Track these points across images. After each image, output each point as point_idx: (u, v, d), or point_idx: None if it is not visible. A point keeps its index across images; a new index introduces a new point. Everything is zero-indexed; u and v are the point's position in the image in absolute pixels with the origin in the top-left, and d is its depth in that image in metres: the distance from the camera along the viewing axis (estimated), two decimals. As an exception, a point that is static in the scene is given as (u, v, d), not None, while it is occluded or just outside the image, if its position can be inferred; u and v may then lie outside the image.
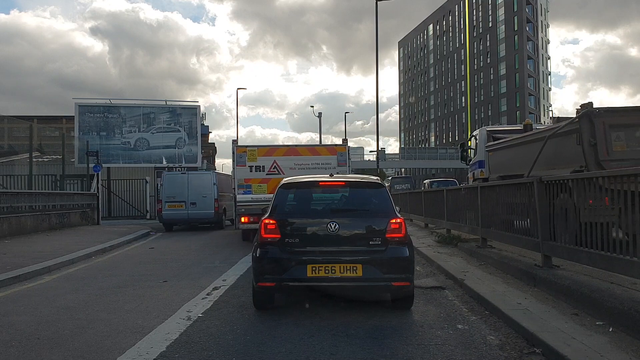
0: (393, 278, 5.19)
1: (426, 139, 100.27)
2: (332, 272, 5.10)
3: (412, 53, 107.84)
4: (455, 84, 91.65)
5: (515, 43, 78.08)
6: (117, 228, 17.21)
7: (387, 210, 5.53)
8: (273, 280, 5.20)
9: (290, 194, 5.84)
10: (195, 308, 5.63)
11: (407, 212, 18.08)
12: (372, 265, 5.15)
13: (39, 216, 15.08)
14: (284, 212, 5.53)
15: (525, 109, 77.23)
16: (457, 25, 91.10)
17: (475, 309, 5.58)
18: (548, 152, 8.73)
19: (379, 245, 5.27)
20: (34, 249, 10.91)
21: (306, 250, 5.24)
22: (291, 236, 5.30)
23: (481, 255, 8.58)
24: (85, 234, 14.91)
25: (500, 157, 11.79)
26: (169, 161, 29.41)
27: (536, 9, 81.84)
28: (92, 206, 19.34)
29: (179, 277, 7.83)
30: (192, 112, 29.80)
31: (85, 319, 5.24)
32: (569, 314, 4.87)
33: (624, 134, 7.46)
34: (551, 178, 6.31)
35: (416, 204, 16.26)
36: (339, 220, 5.30)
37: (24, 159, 19.75)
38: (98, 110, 28.76)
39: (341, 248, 5.25)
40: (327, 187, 6.07)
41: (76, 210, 17.95)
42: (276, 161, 11.96)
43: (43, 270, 8.47)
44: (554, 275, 5.85)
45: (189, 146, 29.50)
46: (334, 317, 5.17)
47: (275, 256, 5.23)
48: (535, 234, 6.58)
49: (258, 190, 11.80)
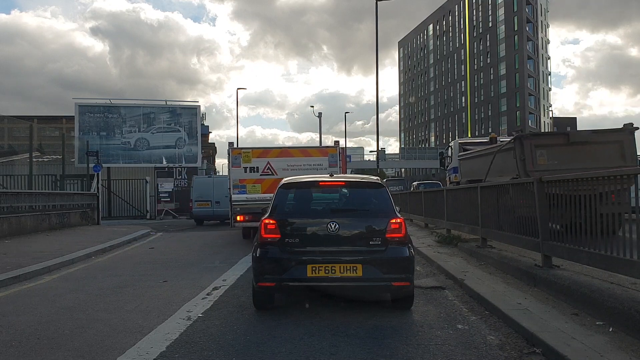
0: (393, 278, 5.17)
1: (426, 139, 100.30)
2: (332, 272, 5.08)
3: (412, 53, 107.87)
4: (455, 84, 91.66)
5: (515, 43, 78.07)
6: (117, 228, 17.22)
7: (387, 210, 5.51)
8: (273, 280, 5.18)
9: (290, 194, 5.78)
10: (195, 308, 5.64)
11: (407, 212, 18.10)
12: (372, 265, 5.14)
13: (39, 216, 15.09)
14: (284, 212, 5.50)
15: (526, 109, 77.25)
16: (457, 25, 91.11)
17: (475, 309, 5.59)
18: (497, 163, 11.04)
19: (379, 245, 5.25)
20: (34, 249, 10.91)
21: (306, 250, 5.21)
22: (291, 236, 5.27)
23: (481, 255, 8.58)
24: (85, 234, 14.92)
25: (468, 165, 14.34)
26: (169, 161, 29.44)
27: (536, 9, 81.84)
28: (92, 206, 19.35)
29: (179, 277, 7.83)
30: (192, 112, 29.82)
31: (86, 319, 5.24)
32: (569, 314, 4.87)
33: (545, 152, 9.65)
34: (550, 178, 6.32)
35: (416, 204, 16.27)
36: (339, 220, 5.27)
37: (24, 159, 19.77)
38: (98, 110, 28.79)
39: (341, 248, 5.23)
40: (327, 187, 6.05)
41: (76, 211, 17.96)
42: (270, 162, 12.30)
43: (43, 270, 8.47)
44: (554, 275, 5.86)
45: (189, 146, 29.51)
46: (334, 317, 5.17)
47: (275, 256, 5.20)
48: (535, 233, 6.59)
49: (252, 190, 12.17)
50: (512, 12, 78.47)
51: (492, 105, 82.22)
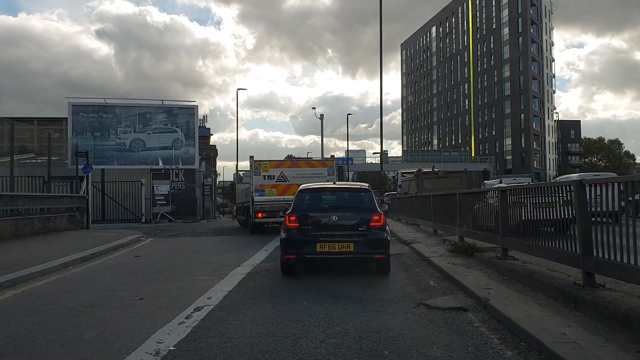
0: (374, 252, 7.68)
1: (429, 142, 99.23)
2: (333, 248, 7.53)
3: (415, 55, 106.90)
4: (458, 86, 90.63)
5: (520, 45, 77.04)
6: (106, 233, 16.23)
7: (371, 207, 7.98)
8: (294, 254, 7.73)
9: (306, 196, 8.27)
10: (168, 338, 4.63)
11: (414, 216, 17.07)
12: (360, 244, 7.59)
13: (20, 220, 14.10)
14: (302, 208, 7.95)
15: (530, 112, 76.17)
16: (461, 27, 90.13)
17: (508, 339, 4.57)
18: (412, 184, 25.33)
19: (365, 230, 7.72)
20: (9, 257, 9.95)
21: (316, 233, 7.65)
22: (306, 224, 7.72)
23: (503, 268, 7.57)
24: (69, 239, 13.93)
25: (405, 185, 28.36)
26: (166, 163, 28.45)
27: (540, 10, 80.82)
28: (81, 209, 18.36)
29: (158, 293, 6.83)
30: (190, 112, 28.84)
31: (30, 353, 4.25)
32: (633, 351, 3.87)
33: (429, 181, 24.11)
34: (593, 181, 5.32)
35: (424, 209, 15.22)
36: (338, 214, 7.84)
37: (15, 160, 18.68)
38: (92, 110, 27.82)
39: (339, 232, 7.71)
40: (331, 191, 8.67)
41: (63, 214, 16.99)
42: (283, 172, 15.75)
43: (6, 283, 7.47)
44: (601, 298, 4.83)
45: (186, 147, 28.54)
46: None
47: (296, 237, 7.69)
48: (573, 246, 5.60)
49: (269, 193, 15.56)
50: (516, 14, 77.46)
51: (495, 108, 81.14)
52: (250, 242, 14.00)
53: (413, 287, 7.14)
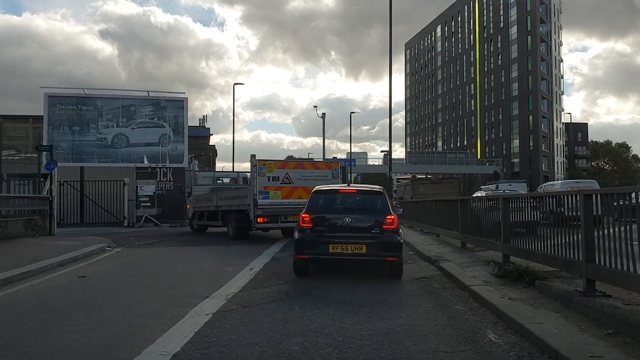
0: (387, 254, 7.80)
1: (433, 143, 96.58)
2: (346, 249, 7.67)
3: (419, 55, 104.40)
4: (464, 87, 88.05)
5: (529, 44, 74.43)
6: (66, 242, 13.65)
7: (385, 210, 8.08)
8: (307, 254, 7.89)
9: (320, 197, 8.42)
10: None
11: (432, 224, 14.48)
12: (373, 246, 7.71)
13: (-45, 226, 11.56)
14: (316, 209, 8.13)
15: (539, 113, 73.56)
16: (467, 26, 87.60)
17: None
18: (408, 189, 31.35)
19: (378, 233, 7.83)
20: None
21: (329, 235, 7.82)
22: (319, 225, 7.91)
23: (595, 310, 5.02)
24: (10, 251, 11.34)
25: (400, 191, 34.01)
26: (152, 161, 25.84)
27: (549, 8, 78.25)
28: (42, 212, 15.77)
29: (70, 350, 4.26)
30: (179, 106, 26.20)
31: None
32: None
33: (423, 187, 29.76)
34: None
35: (447, 216, 12.56)
36: (351, 215, 7.99)
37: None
38: (70, 101, 25.15)
39: (352, 234, 7.81)
40: (345, 193, 8.60)
41: (19, 218, 14.43)
42: (288, 173, 14.42)
43: None
44: None
45: (174, 144, 25.91)
46: None
47: (309, 238, 7.89)
48: None
49: (274, 196, 14.14)
50: (524, 12, 74.88)
51: (502, 109, 78.50)
52: (237, 255, 11.46)
53: (464, 344, 4.59)
